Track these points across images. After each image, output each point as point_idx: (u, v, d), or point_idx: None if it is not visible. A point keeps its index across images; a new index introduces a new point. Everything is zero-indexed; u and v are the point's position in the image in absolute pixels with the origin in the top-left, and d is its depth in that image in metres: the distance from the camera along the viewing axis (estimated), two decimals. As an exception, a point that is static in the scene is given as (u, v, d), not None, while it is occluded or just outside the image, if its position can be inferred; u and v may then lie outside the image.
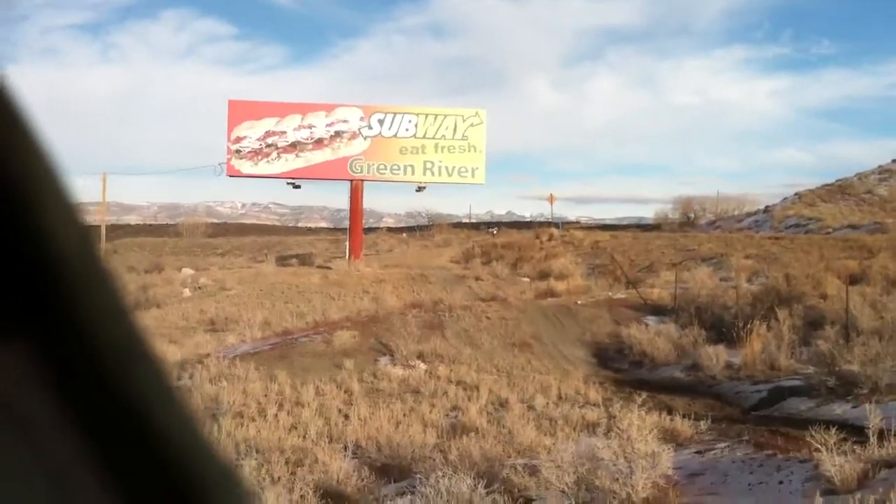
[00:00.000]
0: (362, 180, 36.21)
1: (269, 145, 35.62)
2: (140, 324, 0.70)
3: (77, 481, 0.62)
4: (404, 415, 13.07)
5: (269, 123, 35.59)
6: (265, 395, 14.30)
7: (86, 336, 0.64)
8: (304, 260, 39.15)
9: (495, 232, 47.15)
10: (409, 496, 8.26)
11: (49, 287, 0.62)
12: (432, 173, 36.39)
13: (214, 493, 0.68)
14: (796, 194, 57.25)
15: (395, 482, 10.01)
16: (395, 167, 36.22)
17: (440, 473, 8.13)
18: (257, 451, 10.86)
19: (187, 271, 34.71)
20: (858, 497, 6.39)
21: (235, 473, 0.75)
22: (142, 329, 0.70)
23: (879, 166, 59.13)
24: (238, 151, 35.59)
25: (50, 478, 0.60)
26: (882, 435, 8.52)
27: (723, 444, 10.72)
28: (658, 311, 22.48)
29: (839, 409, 12.40)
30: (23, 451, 0.60)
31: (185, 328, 22.62)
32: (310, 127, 35.87)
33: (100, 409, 0.64)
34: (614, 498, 7.85)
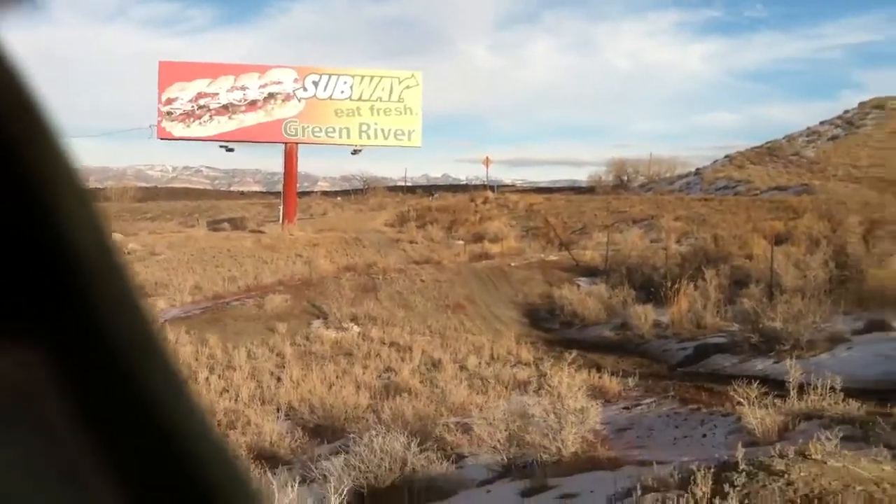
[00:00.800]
0: (297, 143, 35.73)
1: (201, 107, 34.86)
2: (151, 317, 0.70)
3: (88, 476, 0.61)
4: (337, 377, 13.10)
5: (200, 85, 34.81)
6: (196, 359, 14.18)
7: (100, 330, 0.63)
8: (237, 224, 38.63)
9: (435, 197, 47.07)
10: (343, 455, 8.28)
11: (64, 281, 0.61)
12: (368, 136, 36.08)
13: (225, 490, 0.68)
14: (726, 157, 58.16)
15: (328, 443, 10.04)
16: (331, 130, 35.81)
17: (373, 433, 8.17)
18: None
19: (116, 236, 34.04)
20: (779, 447, 6.58)
21: (246, 473, 0.75)
22: (153, 322, 0.69)
23: (808, 128, 60.38)
24: (169, 114, 34.78)
25: (63, 474, 0.60)
26: (802, 389, 8.80)
27: (649, 400, 10.98)
28: (590, 272, 22.77)
29: (762, 365, 12.77)
30: (36, 447, 0.59)
31: (114, 293, 22.20)
32: (243, 88, 35.20)
33: (110, 403, 0.64)
34: (545, 452, 7.98)
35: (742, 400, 8.34)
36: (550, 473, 7.53)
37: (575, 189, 57.67)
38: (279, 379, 13.07)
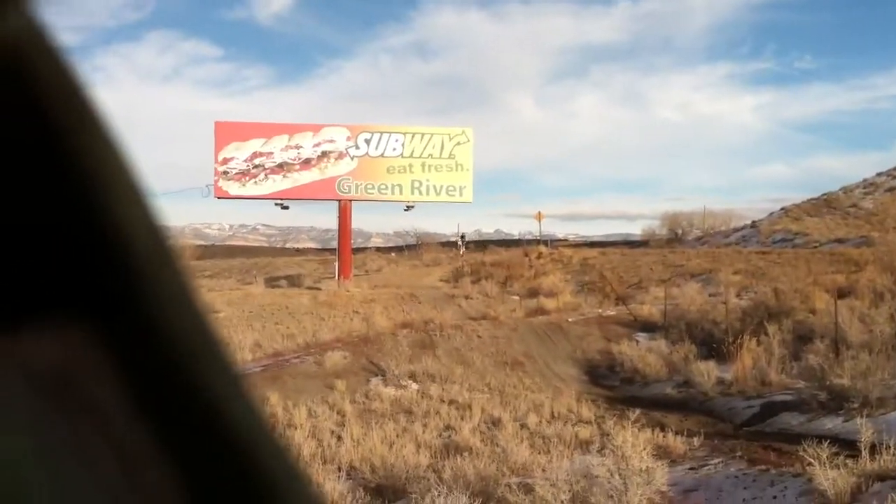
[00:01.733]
0: (350, 200, 36.17)
1: (256, 166, 35.54)
2: (206, 310, 0.70)
3: (142, 466, 0.61)
4: (397, 435, 13.06)
5: (255, 144, 35.54)
6: (258, 418, 14.23)
7: (155, 319, 0.64)
8: (294, 281, 39.06)
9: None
10: (404, 517, 8.26)
11: (121, 270, 0.62)
12: (420, 192, 36.40)
13: (284, 489, 0.66)
14: (782, 209, 57.51)
15: (389, 503, 10.00)
16: (383, 186, 36.21)
17: (435, 493, 8.13)
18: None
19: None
20: (853, 510, 6.43)
21: (305, 473, 0.76)
22: (207, 315, 0.70)
23: (864, 180, 59.51)
24: (225, 173, 35.51)
25: (116, 460, 0.60)
26: (874, 448, 8.59)
27: (716, 460, 10.75)
28: (648, 327, 22.55)
29: (830, 424, 12.45)
30: (92, 435, 0.60)
31: (175, 352, 22.47)
32: (297, 147, 35.83)
33: (166, 394, 0.64)
34: (610, 515, 7.86)
35: (812, 460, 8.14)
36: (618, 536, 7.40)
37: (629, 243, 57.45)
38: (339, 437, 13.07)
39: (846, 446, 9.68)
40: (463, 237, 49.37)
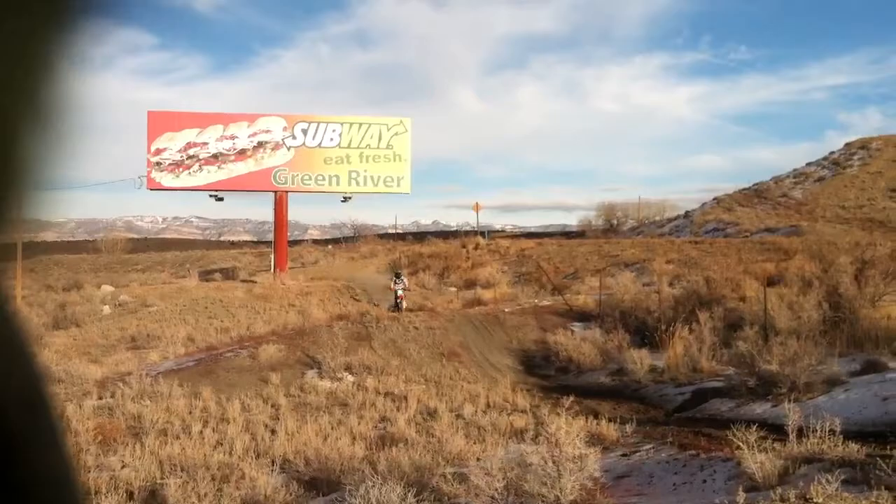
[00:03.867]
0: (286, 191, 35.80)
1: (190, 157, 34.90)
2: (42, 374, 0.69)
3: None
4: (332, 428, 12.97)
5: (189, 135, 34.90)
6: (189, 413, 14.04)
7: None
8: (228, 274, 38.56)
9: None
10: (338, 508, 8.19)
11: None
12: (357, 183, 36.17)
13: None
14: (715, 199, 58.57)
15: (323, 495, 9.92)
16: (320, 177, 35.89)
17: (370, 484, 8.07)
18: (182, 469, 10.67)
19: (107, 288, 33.80)
20: (780, 492, 6.54)
21: None
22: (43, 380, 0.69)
23: (794, 170, 60.91)
24: (158, 164, 34.81)
25: None
26: (801, 432, 8.75)
27: (648, 446, 10.89)
28: (583, 317, 22.77)
29: (760, 409, 12.71)
30: None
31: (106, 346, 22.07)
32: (232, 138, 35.30)
33: None
34: (543, 501, 7.89)
35: (741, 444, 8.27)
36: (550, 523, 7.43)
37: (565, 233, 57.93)
38: (274, 431, 12.93)
39: (774, 430, 9.86)
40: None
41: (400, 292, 26.47)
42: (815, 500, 5.97)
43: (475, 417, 13.58)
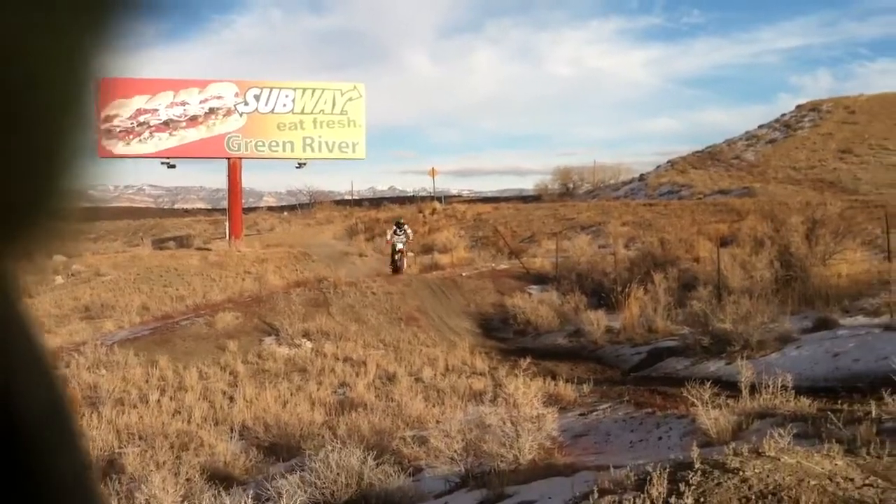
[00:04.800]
0: (240, 158, 35.31)
1: (140, 124, 34.24)
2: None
3: None
4: (291, 394, 12.96)
5: (140, 101, 34.17)
6: (146, 381, 13.92)
7: None
8: (183, 242, 38.12)
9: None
10: (298, 473, 8.17)
11: None
12: (312, 149, 35.81)
13: None
14: (669, 162, 59.06)
15: (283, 461, 9.92)
16: (274, 144, 35.47)
17: (329, 448, 8.08)
18: (140, 438, 10.61)
19: (59, 258, 33.24)
20: (733, 446, 6.65)
21: None
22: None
23: (746, 132, 61.58)
24: (108, 131, 34.17)
25: None
26: (754, 388, 8.91)
27: (605, 406, 11.02)
28: (540, 279, 22.89)
29: (714, 367, 12.90)
30: None
31: (59, 316, 21.75)
32: (183, 104, 34.67)
33: None
34: (502, 461, 7.96)
35: (696, 401, 8.39)
36: (508, 482, 7.49)
37: (522, 198, 58.04)
38: (232, 398, 12.88)
39: (728, 387, 10.04)
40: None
41: (400, 245, 24.29)
42: (767, 454, 6.07)
43: (434, 381, 13.63)
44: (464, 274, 23.71)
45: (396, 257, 24.35)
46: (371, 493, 7.69)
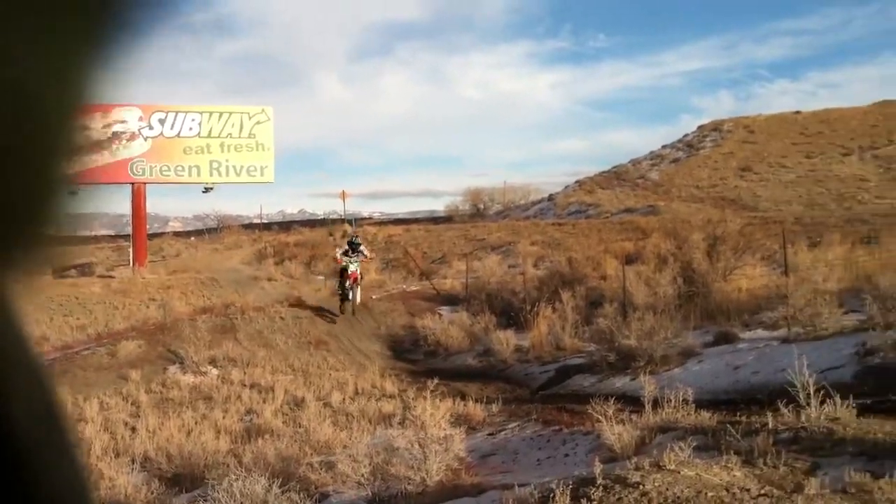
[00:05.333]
0: (144, 183, 34.54)
1: (40, 150, 33.24)
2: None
3: None
4: (196, 423, 12.65)
5: (39, 127, 33.22)
6: (44, 415, 13.40)
7: None
8: (84, 270, 37.01)
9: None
10: (201, 503, 7.97)
11: None
12: (219, 173, 35.23)
13: None
14: (577, 182, 60.03)
15: (186, 491, 9.66)
16: (180, 168, 34.77)
17: (233, 477, 7.90)
18: (35, 474, 10.18)
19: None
20: (635, 460, 6.73)
21: None
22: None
23: (651, 152, 63.08)
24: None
25: None
26: (657, 403, 9.06)
27: (513, 425, 11.07)
28: (451, 300, 22.95)
29: (619, 383, 13.10)
30: None
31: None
32: (84, 129, 33.78)
33: None
34: (409, 483, 7.92)
35: (601, 417, 8.49)
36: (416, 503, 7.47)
37: (433, 219, 58.16)
38: (134, 429, 12.51)
39: (633, 402, 10.20)
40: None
41: (353, 268, 20.41)
42: (667, 467, 6.17)
43: (343, 405, 13.50)
44: (374, 296, 23.59)
45: (347, 284, 20.48)
46: (276, 522, 7.55)
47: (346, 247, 21.38)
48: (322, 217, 60.70)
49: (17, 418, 0.66)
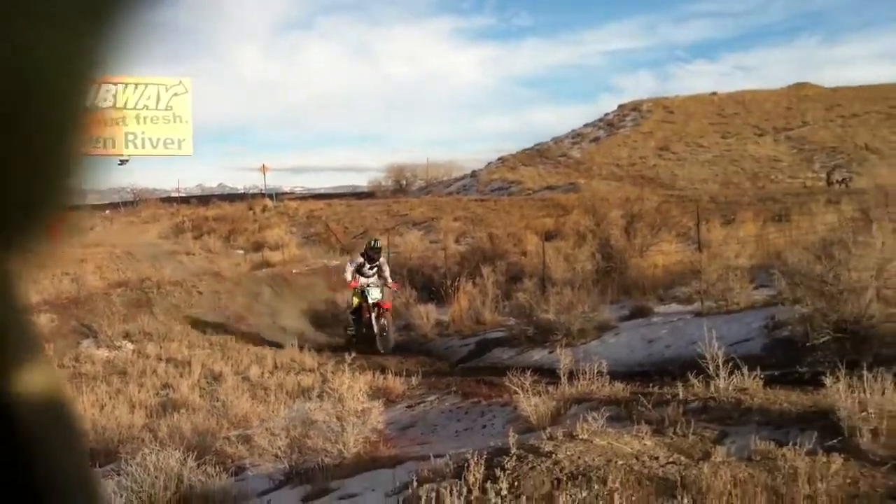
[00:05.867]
0: (57, 154, 33.57)
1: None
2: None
3: None
4: (110, 397, 12.40)
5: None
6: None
7: None
8: (-5, 242, 35.90)
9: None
10: (115, 478, 7.83)
11: None
12: (135, 146, 34.33)
13: None
14: (500, 159, 60.35)
15: (100, 466, 9.47)
16: (94, 140, 33.89)
17: (147, 451, 7.78)
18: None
19: None
20: (549, 431, 6.84)
21: None
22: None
23: (572, 130, 63.77)
24: None
25: None
26: (573, 375, 9.21)
27: (433, 397, 11.13)
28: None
29: (538, 356, 13.28)
30: None
31: None
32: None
33: None
34: (327, 456, 7.90)
35: (518, 389, 8.59)
36: (332, 476, 7.46)
37: (356, 194, 57.82)
38: (44, 405, 12.21)
39: (550, 375, 10.33)
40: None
41: (376, 295, 15.11)
42: (580, 437, 6.28)
43: (262, 379, 13.40)
44: (295, 271, 23.42)
45: (368, 316, 15.15)
46: (192, 495, 7.45)
47: (361, 259, 15.58)
48: (243, 191, 59.87)
49: (22, 409, 0.66)
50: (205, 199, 51.21)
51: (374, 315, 15.11)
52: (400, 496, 6.11)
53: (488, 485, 5.31)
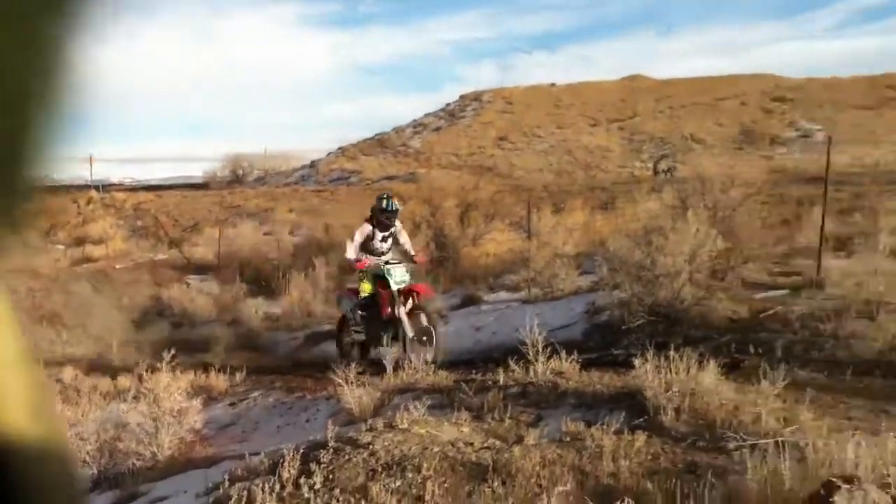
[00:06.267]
0: None
1: None
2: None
3: None
4: None
5: None
6: None
7: None
8: None
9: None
10: None
11: None
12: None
13: None
14: (340, 149, 59.89)
15: None
16: None
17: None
18: None
19: None
20: (370, 422, 6.70)
21: None
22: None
23: (414, 120, 63.98)
24: None
25: None
26: (397, 365, 9.15)
27: (256, 393, 10.82)
28: (201, 269, 22.19)
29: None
30: None
31: None
32: None
33: None
34: (139, 459, 7.55)
35: (342, 382, 8.42)
36: (144, 480, 7.13)
37: (189, 185, 56.06)
38: None
39: (379, 366, 10.20)
40: None
41: (402, 277, 10.60)
42: (399, 427, 6.18)
43: (75, 381, 12.69)
44: (118, 266, 22.39)
45: (392, 311, 10.51)
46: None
47: (368, 228, 11.18)
48: (67, 183, 56.93)
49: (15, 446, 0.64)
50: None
51: (400, 308, 10.39)
52: (211, 496, 5.86)
53: (302, 480, 5.16)
